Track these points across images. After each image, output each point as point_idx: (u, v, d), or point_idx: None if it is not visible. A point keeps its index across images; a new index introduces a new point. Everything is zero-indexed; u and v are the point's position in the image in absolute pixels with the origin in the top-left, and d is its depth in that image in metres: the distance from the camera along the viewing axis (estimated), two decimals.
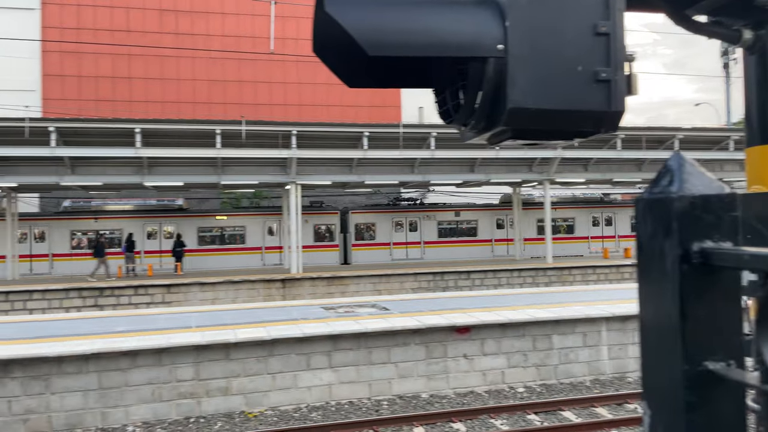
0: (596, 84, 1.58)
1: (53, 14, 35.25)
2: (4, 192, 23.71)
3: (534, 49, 1.55)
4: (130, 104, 35.36)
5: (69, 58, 35.14)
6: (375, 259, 27.76)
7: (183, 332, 10.78)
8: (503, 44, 1.54)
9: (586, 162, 26.11)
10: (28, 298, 19.66)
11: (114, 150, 20.76)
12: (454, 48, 1.54)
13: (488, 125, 1.65)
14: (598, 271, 25.03)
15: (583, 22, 1.58)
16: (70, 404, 9.51)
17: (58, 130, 19.99)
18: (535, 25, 1.56)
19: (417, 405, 10.59)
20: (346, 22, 1.45)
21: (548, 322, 11.83)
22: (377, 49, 1.48)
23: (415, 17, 1.53)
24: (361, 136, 22.48)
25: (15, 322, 12.75)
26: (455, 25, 1.53)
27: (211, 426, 9.65)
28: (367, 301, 14.95)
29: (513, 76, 1.54)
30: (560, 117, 1.60)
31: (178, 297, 20.93)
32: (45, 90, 34.99)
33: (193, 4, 36.64)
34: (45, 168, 21.21)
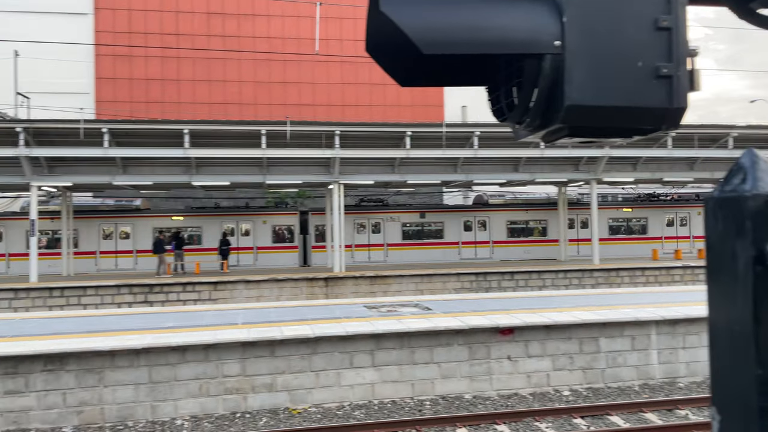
0: (657, 80, 1.54)
1: (106, 19, 36.45)
2: (60, 191, 24.64)
3: (592, 44, 1.52)
4: (179, 106, 36.27)
5: (121, 62, 36.29)
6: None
7: (230, 329, 10.99)
8: (560, 40, 1.51)
9: (635, 161, 25.47)
10: (83, 293, 20.40)
11: (163, 150, 21.34)
12: (510, 45, 1.52)
13: (543, 123, 1.62)
14: (647, 273, 24.37)
15: (643, 17, 1.54)
16: (122, 397, 9.81)
17: (111, 131, 20.67)
18: (594, 20, 1.53)
19: (460, 406, 10.52)
20: (401, 20, 1.45)
21: (595, 325, 11.59)
22: (432, 48, 1.47)
23: (470, 15, 1.51)
24: (403, 135, 22.49)
25: (70, 317, 13.24)
26: (511, 22, 1.51)
27: (256, 421, 9.81)
28: (410, 300, 14.94)
29: (570, 73, 1.51)
30: (619, 114, 1.56)
31: (224, 294, 21.36)
32: (98, 92, 36.23)
33: (240, 7, 37.32)
34: (98, 168, 21.96)
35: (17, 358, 9.47)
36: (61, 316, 13.36)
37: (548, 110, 1.57)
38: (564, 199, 28.53)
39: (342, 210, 23.31)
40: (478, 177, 24.66)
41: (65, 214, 24.38)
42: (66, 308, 19.98)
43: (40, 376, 9.57)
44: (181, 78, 36.94)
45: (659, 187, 33.20)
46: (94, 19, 36.35)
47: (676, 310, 12.41)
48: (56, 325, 11.96)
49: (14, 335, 10.82)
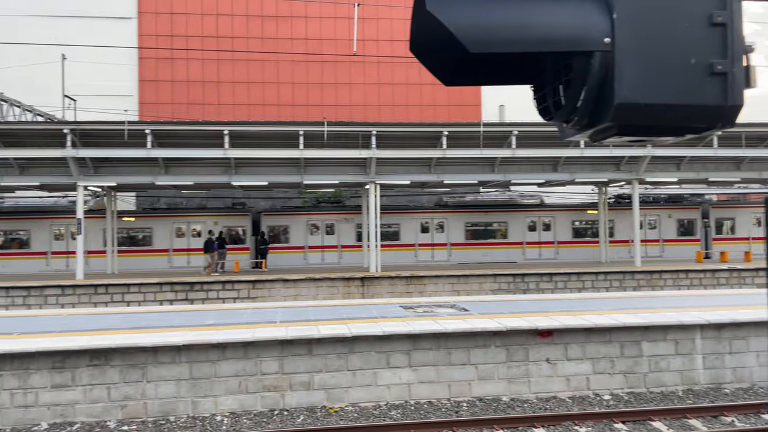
0: (711, 77, 1.50)
1: (149, 22, 37.33)
2: (104, 191, 25.35)
3: (643, 41, 1.49)
4: (219, 107, 36.92)
5: (163, 64, 37.12)
6: (288, 263, 26.84)
7: (268, 327, 11.13)
8: (610, 37, 1.48)
9: (679, 160, 24.84)
10: (126, 290, 20.94)
11: (204, 151, 21.77)
12: (558, 42, 1.49)
13: (592, 122, 1.59)
14: (691, 276, 23.72)
15: (697, 12, 1.50)
16: (164, 392, 10.03)
17: (153, 132, 21.17)
18: (645, 16, 1.49)
19: (497, 408, 10.43)
20: (448, 19, 1.45)
21: (637, 328, 11.33)
22: (479, 46, 1.46)
23: (517, 12, 1.50)
24: (440, 135, 22.41)
25: (115, 314, 13.60)
26: (559, 19, 1.49)
27: (294, 419, 9.91)
28: (446, 301, 14.88)
29: (621, 70, 1.48)
30: (671, 112, 1.53)
31: (263, 293, 21.64)
32: (141, 94, 37.14)
33: (279, 8, 37.75)
34: (141, 168, 22.52)
35: (64, 353, 9.78)
36: (106, 313, 13.75)
37: (597, 109, 1.54)
38: (604, 200, 27.97)
39: (378, 210, 23.35)
40: (515, 177, 24.40)
41: (110, 214, 25.06)
42: (110, 305, 20.56)
43: (86, 371, 9.85)
44: (221, 80, 37.59)
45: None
46: (138, 22, 37.27)
47: (722, 314, 12.05)
48: (101, 321, 12.30)
49: (61, 330, 11.17)
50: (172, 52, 35.19)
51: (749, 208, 30.03)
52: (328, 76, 38.35)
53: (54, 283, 20.74)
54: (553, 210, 29.35)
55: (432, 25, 1.47)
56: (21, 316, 13.48)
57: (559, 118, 1.68)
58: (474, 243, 28.36)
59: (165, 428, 9.57)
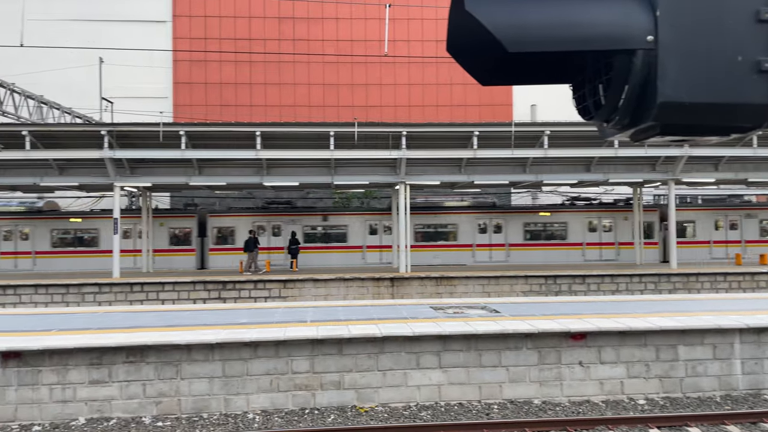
0: (759, 75, 1.46)
1: (183, 26, 38.00)
2: (140, 191, 25.86)
3: (688, 39, 1.45)
4: (251, 108, 37.37)
5: (197, 67, 37.74)
6: (235, 265, 26.46)
7: (299, 326, 11.21)
8: (653, 35, 1.45)
9: (717, 160, 24.24)
10: (161, 289, 21.34)
11: (236, 152, 22.06)
12: (599, 41, 1.47)
13: (633, 121, 1.56)
14: (729, 279, 23.13)
15: (744, 9, 1.46)
16: (197, 389, 10.19)
17: (187, 133, 21.52)
18: (690, 13, 1.46)
19: (529, 411, 10.32)
20: (487, 19, 1.44)
21: (673, 332, 11.10)
22: (518, 46, 1.45)
23: (557, 11, 1.48)
24: (471, 135, 22.28)
25: (150, 312, 13.87)
26: (600, 17, 1.47)
27: (324, 418, 9.96)
28: (477, 302, 14.78)
29: (664, 69, 1.45)
30: (716, 111, 1.49)
31: (293, 292, 21.82)
32: (176, 96, 37.82)
33: (310, 10, 38.04)
34: (175, 169, 22.91)
35: (101, 350, 10.01)
36: (142, 311, 14.02)
37: (639, 108, 1.51)
38: (639, 201, 27.44)
39: (408, 210, 23.33)
40: (548, 177, 24.11)
41: (144, 213, 25.57)
42: (145, 303, 20.98)
43: (122, 367, 10.07)
44: (253, 81, 38.05)
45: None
46: (173, 26, 37.96)
47: (762, 318, 11.71)
48: (137, 318, 12.56)
49: (99, 327, 11.43)
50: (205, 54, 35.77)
51: (710, 211, 29.02)
52: (358, 77, 38.51)
53: (91, 281, 21.25)
54: (505, 212, 28.96)
55: (470, 24, 1.47)
56: (60, 313, 13.85)
57: (600, 118, 1.65)
58: (425, 245, 28.00)
59: (198, 425, 9.72)
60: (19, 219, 27.25)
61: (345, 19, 38.30)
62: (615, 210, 28.69)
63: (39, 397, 9.86)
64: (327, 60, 36.89)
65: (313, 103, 38.13)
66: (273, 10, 38.10)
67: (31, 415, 9.82)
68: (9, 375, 9.81)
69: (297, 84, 38.27)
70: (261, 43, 37.29)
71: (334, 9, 38.11)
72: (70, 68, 33.28)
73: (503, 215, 28.46)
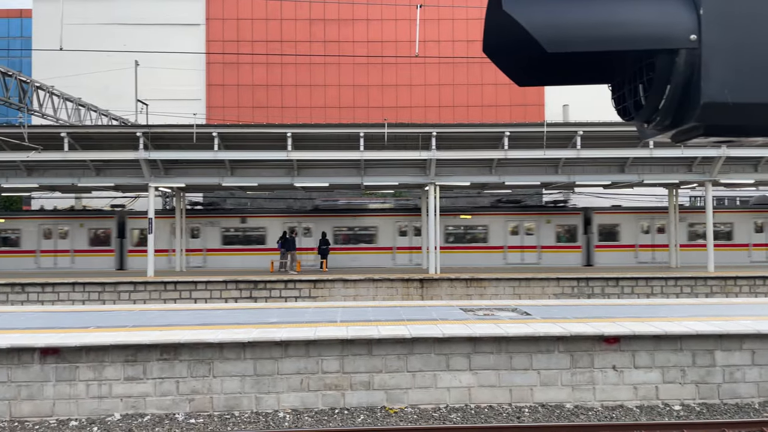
0: None
1: (216, 28, 38.56)
2: (173, 191, 26.32)
3: (733, 37, 1.41)
4: (282, 110, 37.74)
5: (229, 69, 38.27)
6: (155, 266, 26.23)
7: (329, 326, 11.27)
8: (696, 34, 1.41)
9: (757, 161, 23.59)
10: (194, 288, 21.68)
11: (268, 153, 22.29)
12: (640, 41, 1.44)
13: (675, 122, 1.53)
14: None
15: None
16: (229, 388, 10.31)
17: (220, 135, 21.84)
18: (735, 11, 1.42)
19: (561, 415, 10.18)
20: (525, 19, 1.42)
21: (710, 337, 10.83)
22: (557, 46, 1.42)
23: (596, 10, 1.45)
24: (501, 136, 22.11)
25: (183, 310, 14.10)
26: (641, 16, 1.44)
27: (354, 418, 9.98)
28: (508, 304, 14.65)
29: (708, 68, 1.41)
30: (762, 111, 1.44)
31: (323, 292, 21.94)
32: (209, 98, 38.41)
33: (341, 12, 38.23)
34: (208, 170, 23.26)
35: (137, 347, 10.20)
36: (175, 309, 14.26)
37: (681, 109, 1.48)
38: (675, 203, 26.86)
39: (438, 211, 23.26)
40: (580, 178, 23.79)
41: (179, 213, 26.01)
42: (179, 301, 21.34)
43: (156, 365, 10.25)
44: (284, 83, 38.42)
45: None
46: (206, 28, 38.56)
47: None
48: (171, 317, 12.78)
49: (134, 325, 11.67)
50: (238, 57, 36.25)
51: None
52: (388, 78, 38.56)
53: (127, 280, 21.71)
54: None
55: (507, 25, 1.45)
56: (96, 311, 14.17)
57: (640, 119, 1.61)
58: (344, 248, 27.70)
59: (230, 423, 9.84)
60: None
61: (375, 20, 38.40)
62: (538, 213, 28.36)
63: (76, 392, 10.10)
64: (357, 61, 37.04)
65: (343, 104, 38.32)
66: (304, 12, 38.41)
67: (69, 411, 10.06)
68: (47, 371, 10.08)
69: (327, 85, 38.51)
70: (292, 45, 37.64)
71: (364, 10, 38.24)
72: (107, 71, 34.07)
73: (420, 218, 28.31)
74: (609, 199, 31.39)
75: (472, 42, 37.42)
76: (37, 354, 10.04)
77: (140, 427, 9.65)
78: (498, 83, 37.77)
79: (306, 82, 38.42)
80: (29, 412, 9.99)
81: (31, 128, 22.15)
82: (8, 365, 10.01)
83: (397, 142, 22.73)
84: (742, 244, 27.88)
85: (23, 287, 21.68)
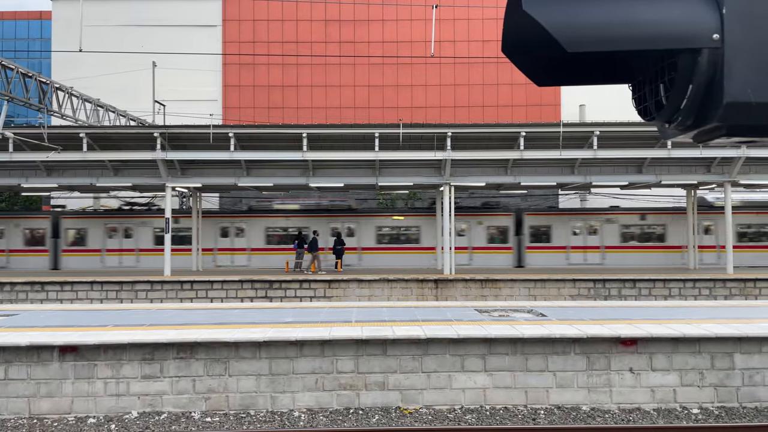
0: None
1: (233, 30, 38.80)
2: (190, 192, 26.53)
3: (757, 36, 1.39)
4: (297, 111, 37.88)
5: (245, 70, 38.49)
6: (87, 266, 27.11)
7: (344, 326, 11.29)
8: (719, 33, 1.40)
9: None
10: (209, 287, 21.83)
11: (283, 153, 22.39)
12: (662, 40, 1.42)
13: (697, 122, 1.51)
14: None
15: None
16: (245, 387, 10.37)
17: (236, 135, 21.98)
18: (758, 10, 1.40)
19: (577, 417, 10.11)
20: (545, 18, 1.41)
21: (729, 339, 10.69)
22: (577, 46, 1.42)
23: (617, 9, 1.44)
24: (517, 136, 22.02)
25: (199, 309, 14.20)
26: (663, 15, 1.42)
27: (369, 418, 9.99)
28: (523, 306, 14.58)
29: (731, 68, 1.39)
30: None
31: (338, 292, 21.99)
32: (225, 99, 38.67)
33: (357, 13, 38.30)
34: (225, 170, 23.42)
35: (154, 346, 10.30)
36: (192, 308, 14.37)
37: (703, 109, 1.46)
38: (693, 204, 26.56)
39: (452, 212, 23.20)
40: (597, 179, 23.60)
41: (195, 214, 26.21)
42: (195, 300, 21.50)
43: (173, 363, 10.33)
44: (300, 84, 38.57)
45: None
46: (223, 30, 38.81)
47: None
48: (187, 316, 12.88)
49: (151, 324, 11.77)
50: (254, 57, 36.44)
51: (565, 216, 27.84)
52: (403, 78, 38.56)
53: (144, 279, 21.91)
54: (359, 215, 28.44)
55: (527, 24, 1.44)
56: (114, 309, 14.32)
57: (661, 119, 1.60)
58: (270, 248, 27.81)
59: (245, 421, 9.89)
60: None
61: (391, 20, 38.42)
62: (469, 214, 28.19)
63: (94, 390, 10.22)
64: (372, 62, 37.09)
65: (358, 104, 38.39)
66: (320, 13, 38.53)
67: (87, 408, 10.18)
68: (66, 368, 10.20)
69: (343, 86, 38.60)
70: (308, 46, 37.78)
71: (380, 11, 38.28)
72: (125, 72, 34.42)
73: (357, 218, 28.31)
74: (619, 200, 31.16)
75: (487, 42, 37.30)
76: (56, 352, 10.17)
77: (157, 425, 9.74)
78: (514, 83, 37.61)
79: (321, 83, 38.54)
80: (48, 409, 10.12)
81: (51, 129, 22.44)
82: (28, 363, 10.16)
83: (411, 143, 22.72)
84: (677, 246, 27.57)
85: (42, 286, 21.97)
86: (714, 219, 27.53)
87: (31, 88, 20.95)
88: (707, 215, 27.63)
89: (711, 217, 27.61)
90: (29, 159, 22.26)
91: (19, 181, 23.76)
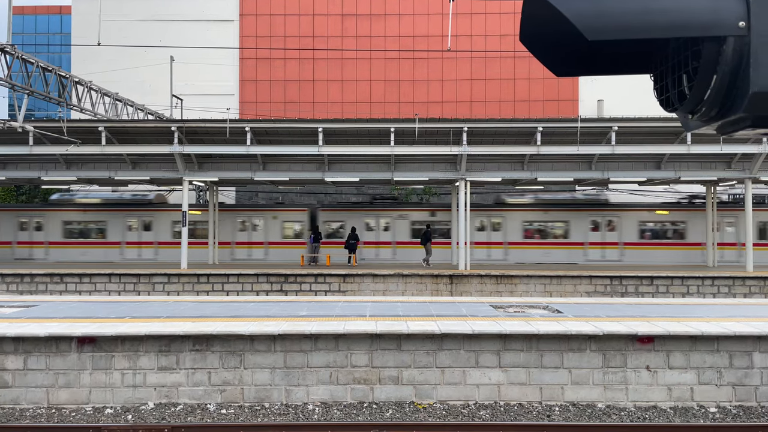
0: None
1: (250, 24, 38.90)
2: (207, 185, 26.69)
3: None
4: (313, 105, 37.92)
5: (262, 64, 38.59)
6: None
7: (358, 320, 11.30)
8: (745, 21, 1.35)
9: None
10: (225, 280, 21.98)
11: (299, 148, 22.43)
12: (686, 28, 1.38)
13: (722, 113, 1.47)
14: None
15: None
16: (260, 379, 10.43)
17: (253, 130, 22.05)
18: None
19: (592, 415, 10.04)
20: (565, 6, 1.38)
21: (748, 338, 10.53)
22: (598, 34, 1.38)
23: None
24: (534, 131, 21.84)
25: (215, 302, 14.30)
26: (686, 3, 1.38)
27: (383, 412, 10.00)
28: (539, 302, 14.49)
29: (757, 56, 1.35)
30: None
31: (353, 286, 22.02)
32: (242, 94, 38.81)
33: (373, 7, 38.20)
34: (241, 164, 23.52)
35: (170, 337, 10.39)
36: (208, 301, 14.48)
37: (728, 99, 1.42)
38: (713, 201, 26.19)
39: (468, 207, 23.10)
40: (615, 175, 23.35)
41: (212, 207, 26.37)
42: (211, 293, 21.66)
43: (189, 355, 10.42)
44: (316, 78, 38.60)
45: None
46: (240, 24, 38.93)
47: None
48: (204, 308, 12.97)
49: (167, 316, 11.88)
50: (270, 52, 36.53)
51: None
52: (420, 73, 38.42)
53: (161, 272, 22.11)
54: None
55: (546, 13, 1.41)
56: (132, 301, 14.47)
57: (684, 110, 1.55)
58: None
59: (260, 414, 9.95)
60: None
61: (407, 15, 38.27)
62: (264, 209, 28.54)
63: (111, 381, 10.34)
64: (389, 56, 37.00)
65: (374, 99, 38.34)
66: (336, 7, 38.50)
67: (104, 399, 10.31)
68: (84, 359, 10.33)
69: (359, 80, 38.57)
70: (324, 41, 37.78)
71: (396, 5, 38.15)
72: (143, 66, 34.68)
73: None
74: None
75: (504, 36, 37.02)
76: (75, 343, 10.30)
77: (173, 416, 9.83)
78: (531, 78, 37.31)
79: (337, 78, 38.54)
80: (66, 400, 10.26)
81: (70, 122, 22.67)
82: (47, 353, 10.30)
83: (427, 138, 22.64)
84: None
85: (62, 277, 22.26)
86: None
87: (51, 82, 21.17)
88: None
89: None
90: (49, 152, 22.53)
91: (39, 174, 24.07)
